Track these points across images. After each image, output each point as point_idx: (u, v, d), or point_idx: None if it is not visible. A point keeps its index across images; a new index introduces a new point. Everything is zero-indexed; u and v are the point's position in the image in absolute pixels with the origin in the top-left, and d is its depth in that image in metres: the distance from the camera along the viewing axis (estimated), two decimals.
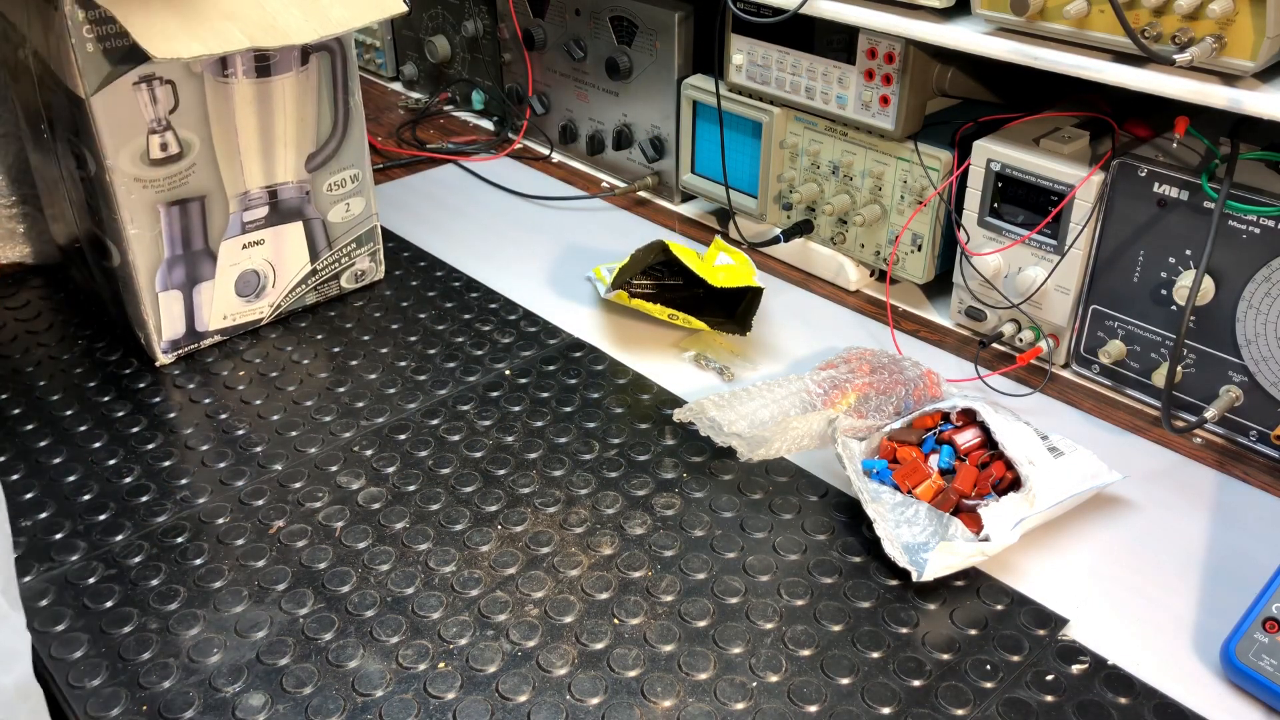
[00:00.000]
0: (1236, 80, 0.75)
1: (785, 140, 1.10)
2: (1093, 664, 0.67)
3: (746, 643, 0.69)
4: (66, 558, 0.76)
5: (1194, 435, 0.88)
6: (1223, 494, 0.82)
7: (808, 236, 1.12)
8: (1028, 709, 0.64)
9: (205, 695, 0.65)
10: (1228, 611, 0.70)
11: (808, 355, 0.99)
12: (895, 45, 0.95)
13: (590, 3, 1.24)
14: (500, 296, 1.08)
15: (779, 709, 0.64)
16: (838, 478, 0.82)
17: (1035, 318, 0.95)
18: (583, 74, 1.30)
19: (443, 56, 1.51)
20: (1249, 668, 0.65)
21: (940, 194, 0.99)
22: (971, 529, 0.73)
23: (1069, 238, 0.90)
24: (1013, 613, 0.71)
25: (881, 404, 0.86)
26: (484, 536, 0.77)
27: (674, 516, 0.79)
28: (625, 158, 1.30)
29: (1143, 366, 0.91)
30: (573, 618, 0.71)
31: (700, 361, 0.98)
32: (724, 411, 0.84)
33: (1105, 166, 0.87)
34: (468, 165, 1.37)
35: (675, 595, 0.72)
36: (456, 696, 0.65)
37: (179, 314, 0.97)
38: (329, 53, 0.96)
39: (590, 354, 0.99)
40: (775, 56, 1.06)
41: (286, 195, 0.99)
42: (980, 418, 0.80)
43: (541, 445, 0.87)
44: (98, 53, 0.84)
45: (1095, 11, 0.79)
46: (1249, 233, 0.80)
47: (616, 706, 0.65)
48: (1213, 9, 0.73)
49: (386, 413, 0.91)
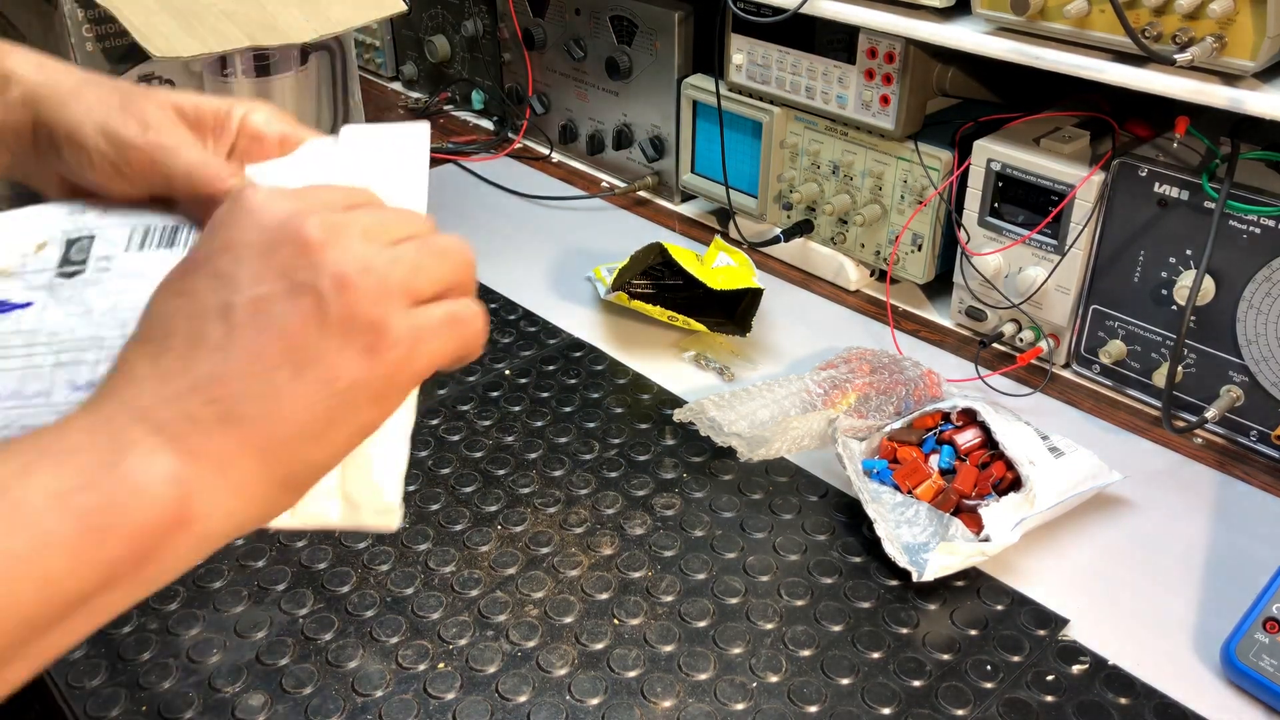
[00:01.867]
0: (1237, 80, 0.75)
1: (785, 140, 1.10)
2: (1093, 664, 0.67)
3: (746, 643, 0.69)
4: None
5: (1194, 435, 0.88)
6: (1223, 494, 0.82)
7: (808, 236, 1.12)
8: (1028, 709, 0.64)
9: (205, 695, 0.65)
10: (1228, 611, 0.70)
11: (808, 355, 0.99)
12: (895, 45, 0.95)
13: (590, 3, 1.24)
14: (500, 296, 1.08)
15: (779, 709, 0.64)
16: (838, 478, 0.82)
17: (1035, 318, 0.95)
18: (583, 74, 1.30)
19: (443, 56, 1.51)
20: (1249, 668, 0.65)
21: (940, 194, 0.99)
22: (971, 529, 0.73)
23: (1069, 238, 0.90)
24: (1013, 613, 0.71)
25: (881, 404, 0.86)
26: (484, 537, 0.77)
27: (674, 517, 0.79)
28: (625, 157, 1.30)
29: (1143, 366, 0.91)
30: (573, 618, 0.71)
31: (700, 361, 0.98)
32: (724, 411, 0.84)
33: (1105, 166, 0.87)
34: (468, 165, 1.37)
35: (675, 595, 0.72)
36: (456, 697, 0.65)
37: None
38: (328, 52, 0.96)
39: (590, 354, 0.99)
40: (775, 56, 1.05)
41: None
42: (980, 418, 0.80)
43: (541, 445, 0.87)
44: (98, 52, 0.84)
45: (1095, 11, 0.79)
46: (1249, 233, 0.80)
47: (616, 707, 0.65)
48: (1213, 9, 0.73)
49: None
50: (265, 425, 0.40)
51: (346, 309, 0.40)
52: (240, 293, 0.40)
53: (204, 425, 0.39)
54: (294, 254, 0.40)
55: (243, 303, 0.40)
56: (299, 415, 0.40)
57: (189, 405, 0.39)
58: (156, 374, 0.40)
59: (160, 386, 0.40)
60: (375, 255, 0.41)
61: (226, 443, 0.39)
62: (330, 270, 0.40)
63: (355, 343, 0.40)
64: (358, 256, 0.40)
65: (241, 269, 0.40)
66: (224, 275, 0.41)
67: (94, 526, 0.37)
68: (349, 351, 0.40)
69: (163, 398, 0.39)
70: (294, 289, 0.40)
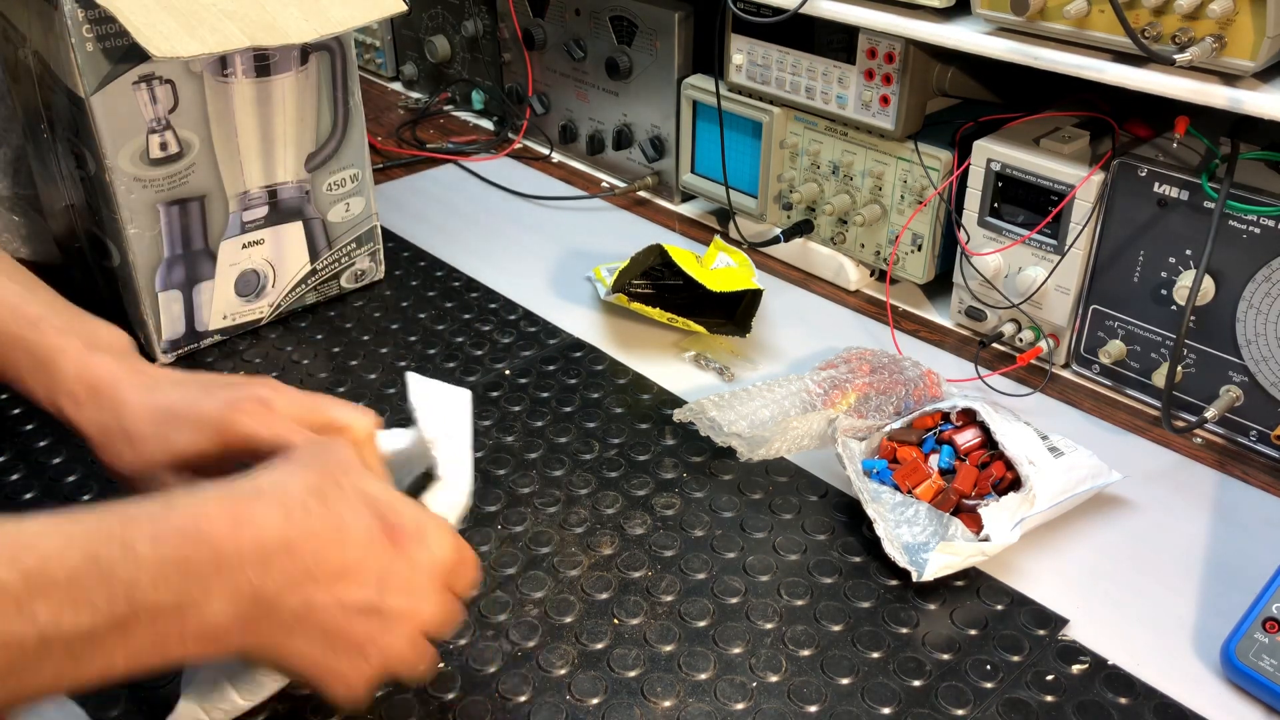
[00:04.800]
0: (1236, 80, 0.75)
1: (785, 140, 1.10)
2: (1093, 664, 0.67)
3: (746, 643, 0.69)
4: None
5: (1194, 435, 0.88)
6: (1223, 494, 0.82)
7: (808, 236, 1.12)
8: (1028, 709, 0.64)
9: None
10: (1228, 611, 0.70)
11: (808, 355, 0.99)
12: (895, 45, 0.95)
13: (590, 3, 1.24)
14: (500, 296, 1.08)
15: (779, 709, 0.64)
16: (838, 478, 0.82)
17: (1035, 318, 0.95)
18: (583, 74, 1.30)
19: (443, 56, 1.51)
20: (1249, 668, 0.65)
21: (940, 194, 0.99)
22: (971, 529, 0.73)
23: (1069, 238, 0.90)
24: (1013, 613, 0.71)
25: (881, 404, 0.86)
26: (484, 536, 0.77)
27: (674, 516, 0.79)
28: (625, 158, 1.30)
29: (1143, 366, 0.91)
30: (572, 618, 0.71)
31: (700, 361, 0.98)
32: (724, 411, 0.84)
33: (1105, 166, 0.87)
34: (468, 165, 1.37)
35: (675, 595, 0.72)
36: (456, 696, 0.65)
37: (179, 314, 0.97)
38: (329, 52, 0.96)
39: (590, 354, 0.99)
40: (775, 56, 1.06)
41: (286, 195, 0.99)
42: (980, 418, 0.80)
43: (541, 445, 0.87)
44: (97, 52, 0.84)
45: (1095, 11, 0.79)
46: (1249, 233, 0.80)
47: (616, 706, 0.65)
48: (1213, 9, 0.73)
49: (386, 413, 0.91)
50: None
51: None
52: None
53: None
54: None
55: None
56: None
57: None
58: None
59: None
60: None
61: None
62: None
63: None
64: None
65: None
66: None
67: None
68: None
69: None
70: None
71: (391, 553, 0.53)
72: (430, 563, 0.54)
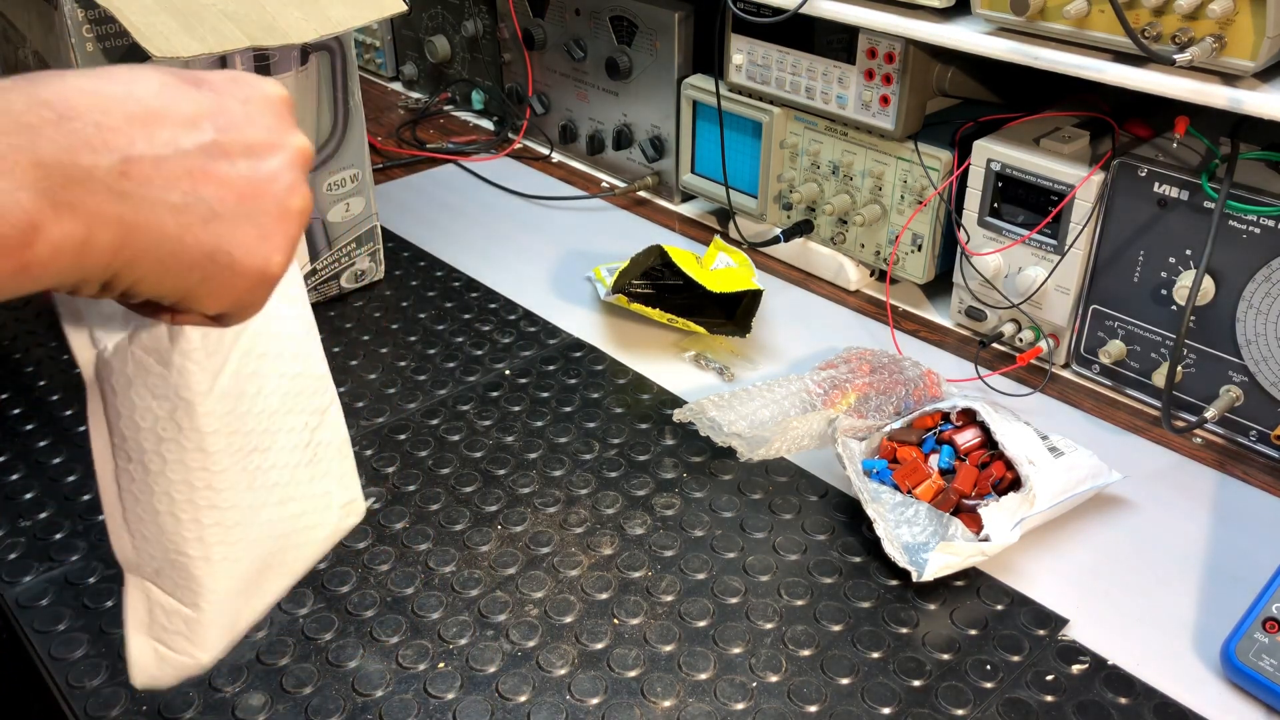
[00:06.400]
0: (1236, 80, 0.75)
1: (785, 140, 1.10)
2: (1093, 664, 0.67)
3: (746, 643, 0.69)
4: (66, 558, 0.76)
5: (1194, 435, 0.88)
6: (1223, 494, 0.82)
7: (808, 236, 1.12)
8: (1028, 709, 0.64)
9: (205, 695, 0.65)
10: (1228, 611, 0.70)
11: (808, 355, 0.99)
12: (895, 45, 0.95)
13: (590, 3, 1.24)
14: (500, 296, 1.08)
15: (779, 709, 0.64)
16: (838, 478, 0.82)
17: (1035, 318, 0.95)
18: (583, 74, 1.30)
19: (443, 56, 1.51)
20: (1249, 668, 0.65)
21: (940, 194, 0.99)
22: (971, 529, 0.73)
23: (1069, 238, 0.90)
24: (1013, 613, 0.71)
25: (881, 404, 0.86)
26: (484, 536, 0.77)
27: (674, 516, 0.79)
28: (625, 158, 1.30)
29: (1143, 366, 0.91)
30: (573, 618, 0.71)
31: (700, 362, 0.98)
32: (724, 411, 0.84)
33: (1105, 166, 0.87)
34: (468, 165, 1.37)
35: (675, 595, 0.72)
36: (456, 696, 0.65)
37: None
38: (328, 52, 0.96)
39: (590, 354, 0.99)
40: (775, 56, 1.06)
41: None
42: (980, 418, 0.80)
43: (541, 445, 0.87)
44: (97, 52, 0.84)
45: (1095, 11, 0.79)
46: (1249, 233, 0.80)
47: (616, 706, 0.65)
48: (1213, 9, 0.73)
49: (386, 413, 0.91)
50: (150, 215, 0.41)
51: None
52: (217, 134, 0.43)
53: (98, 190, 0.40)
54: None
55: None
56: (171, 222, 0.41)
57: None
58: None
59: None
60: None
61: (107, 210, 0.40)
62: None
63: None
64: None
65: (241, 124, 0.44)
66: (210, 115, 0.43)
67: None
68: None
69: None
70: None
71: (199, 93, 0.43)
72: (264, 95, 0.45)
